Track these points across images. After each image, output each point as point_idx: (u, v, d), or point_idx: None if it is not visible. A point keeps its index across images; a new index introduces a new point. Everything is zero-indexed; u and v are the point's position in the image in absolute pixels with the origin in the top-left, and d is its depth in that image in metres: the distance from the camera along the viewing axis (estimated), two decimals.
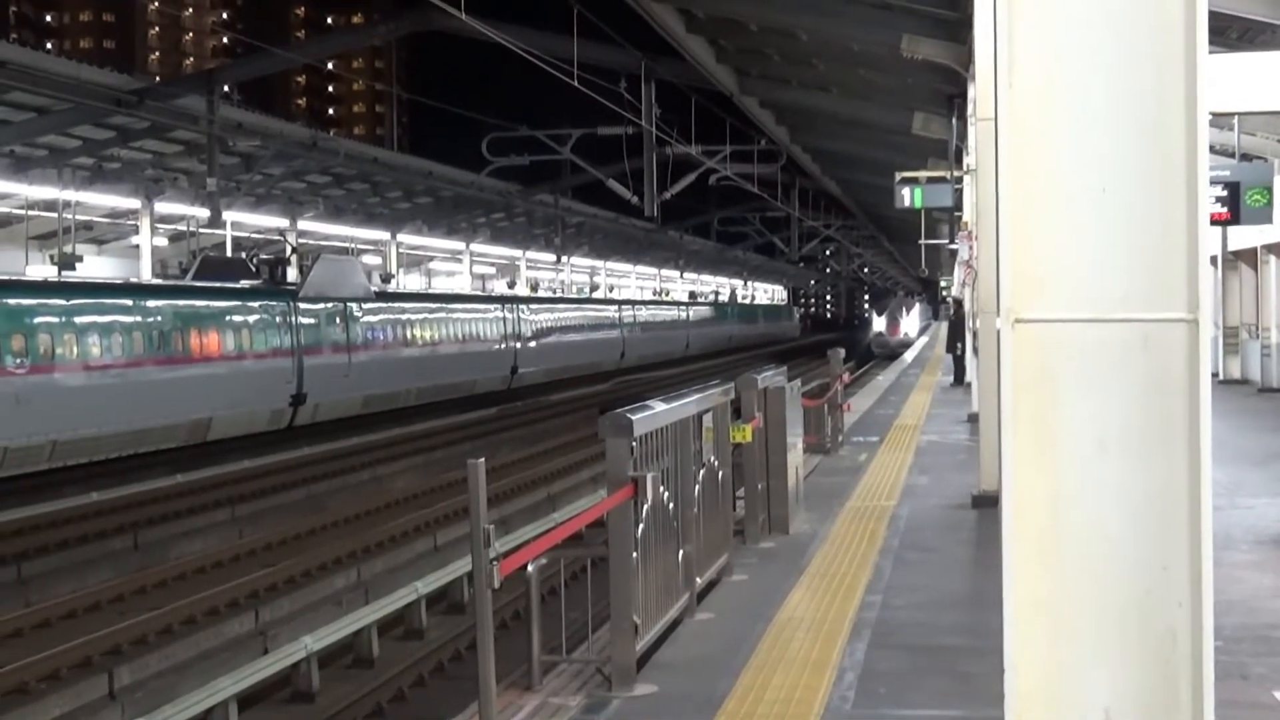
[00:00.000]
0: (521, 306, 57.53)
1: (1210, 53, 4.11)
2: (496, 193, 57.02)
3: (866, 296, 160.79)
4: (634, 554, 8.22)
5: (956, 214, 29.75)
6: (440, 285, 71.97)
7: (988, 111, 15.65)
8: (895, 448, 21.68)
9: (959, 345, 35.74)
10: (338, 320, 40.46)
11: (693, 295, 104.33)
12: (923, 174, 30.64)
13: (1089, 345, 4.09)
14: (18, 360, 27.63)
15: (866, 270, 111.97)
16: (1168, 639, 4.07)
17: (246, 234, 50.25)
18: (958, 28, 22.42)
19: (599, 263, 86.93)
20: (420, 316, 46.94)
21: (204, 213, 39.30)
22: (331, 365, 39.61)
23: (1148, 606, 4.07)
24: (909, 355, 62.81)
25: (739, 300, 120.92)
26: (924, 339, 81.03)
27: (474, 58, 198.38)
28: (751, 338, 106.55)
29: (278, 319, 37.28)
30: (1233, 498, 15.13)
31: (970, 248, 22.52)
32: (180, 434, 32.76)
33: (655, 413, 8.98)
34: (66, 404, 28.77)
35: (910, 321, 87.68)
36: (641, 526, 8.39)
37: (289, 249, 45.04)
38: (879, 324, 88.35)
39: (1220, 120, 23.05)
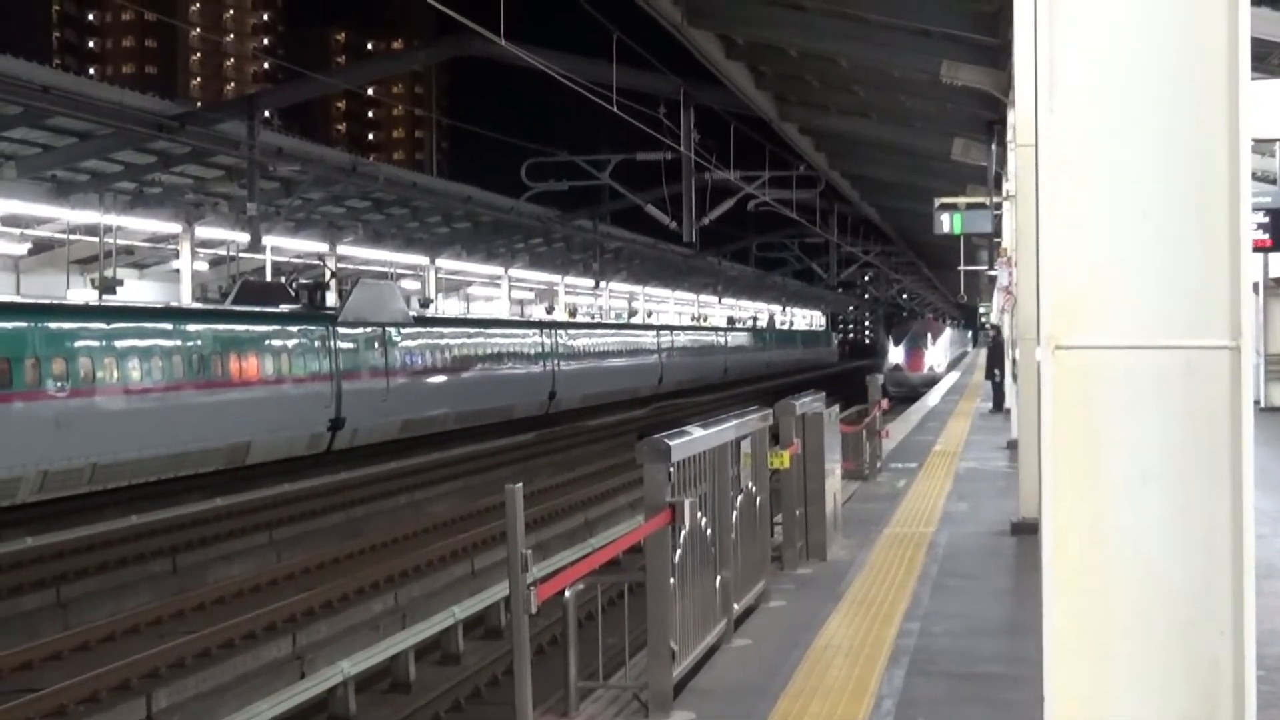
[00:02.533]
0: (560, 332, 57.60)
1: (1252, 79, 4.08)
2: (535, 218, 57.11)
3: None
4: (671, 580, 8.20)
5: (996, 240, 29.72)
6: (479, 310, 72.13)
7: (1027, 137, 15.60)
8: (934, 474, 21.60)
9: (997, 371, 35.63)
10: (376, 345, 40.57)
11: (731, 321, 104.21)
12: (962, 200, 30.62)
13: (1130, 372, 4.07)
14: (58, 384, 27.76)
15: (905, 296, 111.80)
16: (1210, 668, 4.04)
17: (286, 259, 50.47)
18: (997, 54, 22.38)
19: (637, 288, 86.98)
20: (458, 341, 47.03)
21: (244, 237, 39.51)
22: (370, 390, 39.69)
23: (1190, 635, 4.05)
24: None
25: (777, 326, 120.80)
26: (955, 374, 68.53)
27: (513, 83, 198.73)
28: (790, 364, 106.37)
29: (316, 343, 37.40)
30: (1276, 526, 15.01)
31: (1009, 274, 22.44)
32: (219, 458, 32.86)
33: (693, 438, 8.96)
34: (106, 427, 28.89)
35: (938, 351, 71.04)
36: (679, 552, 8.37)
37: (328, 273, 45.19)
38: (896, 355, 70.49)
39: (1262, 146, 22.94)
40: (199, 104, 61.24)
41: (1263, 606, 4.11)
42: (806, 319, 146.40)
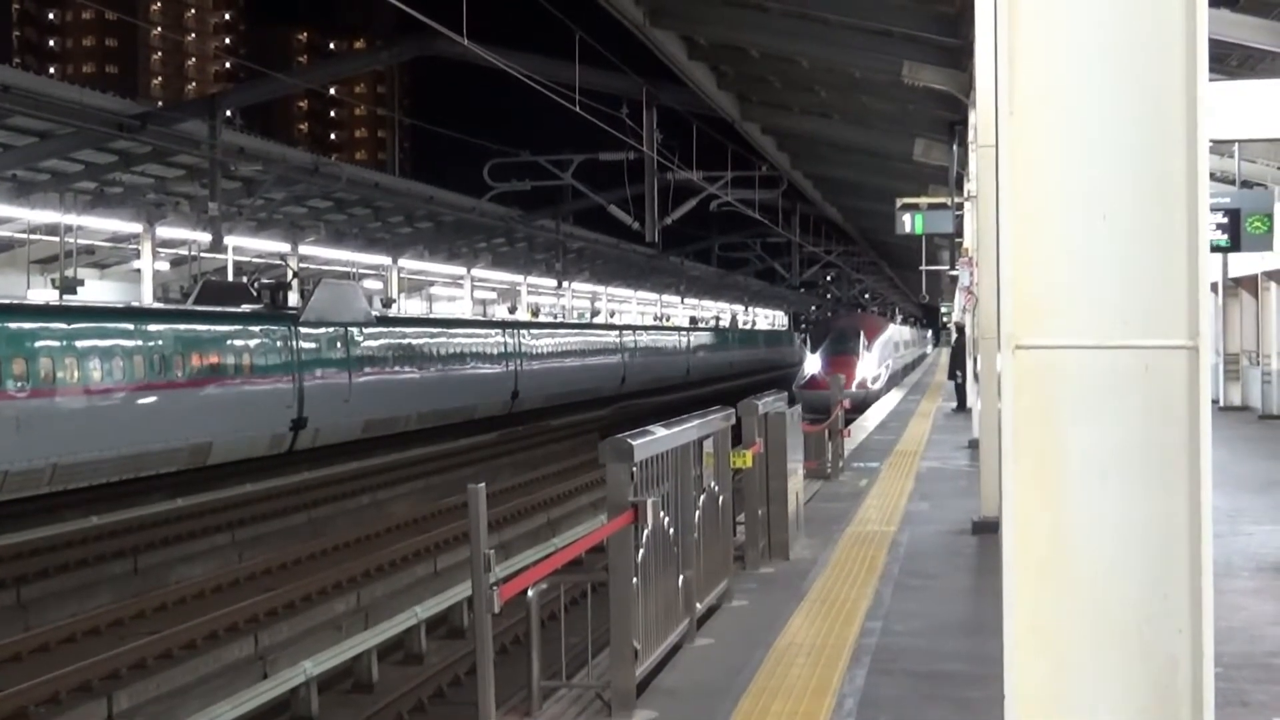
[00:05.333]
0: (522, 332, 57.54)
1: (1210, 80, 4.11)
2: (498, 218, 57.07)
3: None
4: (634, 579, 8.21)
5: (957, 240, 29.80)
6: (441, 310, 71.95)
7: (988, 138, 15.66)
8: (896, 473, 21.66)
9: (959, 372, 35.74)
10: (338, 345, 40.46)
11: (693, 321, 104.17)
12: (923, 200, 30.69)
13: (1089, 372, 4.10)
14: (18, 384, 27.62)
15: (867, 296, 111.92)
16: (1168, 666, 4.07)
17: (248, 259, 50.30)
18: (959, 55, 22.47)
19: (600, 288, 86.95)
20: (421, 341, 46.93)
21: (205, 237, 39.37)
22: (332, 390, 39.58)
23: (1148, 633, 4.07)
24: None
25: (740, 326, 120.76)
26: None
27: (476, 83, 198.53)
28: (753, 363, 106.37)
29: (279, 343, 37.28)
30: (1234, 525, 15.12)
31: (971, 274, 22.52)
32: (181, 458, 32.72)
33: (656, 438, 8.98)
34: (67, 428, 28.74)
35: (873, 360, 50.01)
36: (642, 552, 8.39)
37: (290, 274, 45.05)
38: (812, 364, 49.18)
39: (1220, 147, 23.10)
40: (160, 103, 61.10)
41: (1221, 605, 4.14)
42: (769, 319, 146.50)
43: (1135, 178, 4.07)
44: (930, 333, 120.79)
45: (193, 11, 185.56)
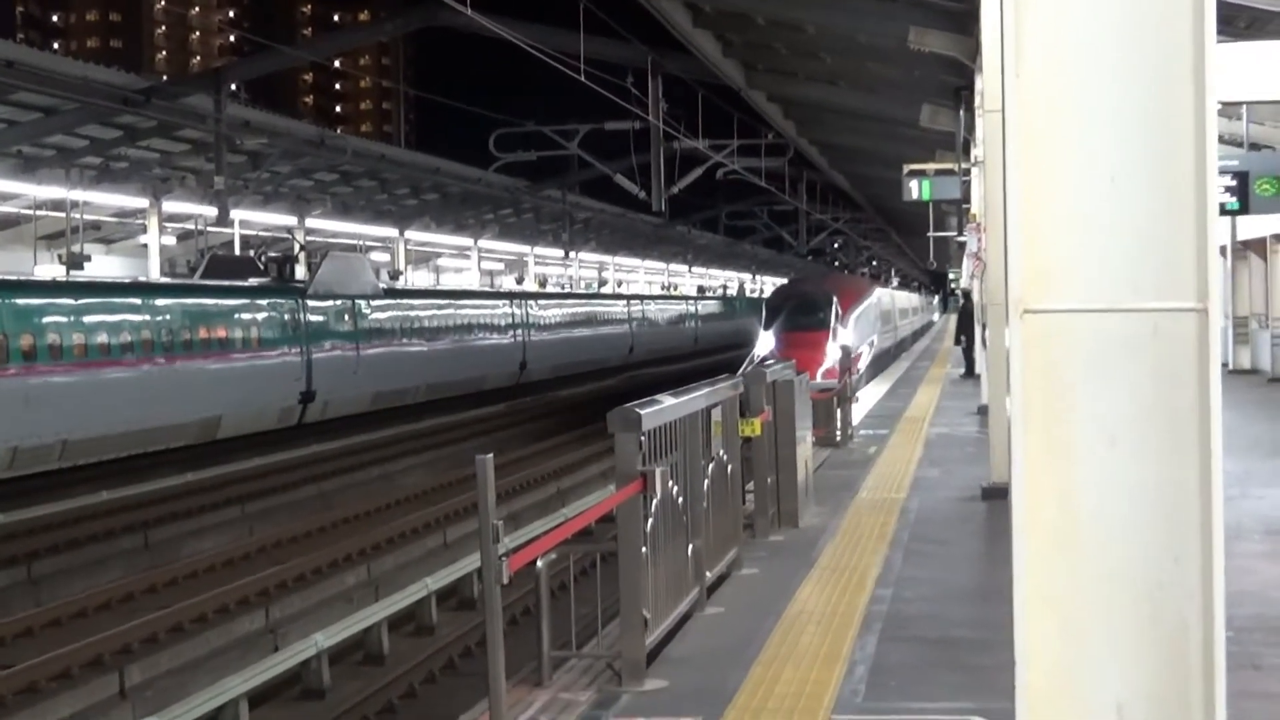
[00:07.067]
0: (530, 302, 57.52)
1: (1218, 42, 4.08)
2: (504, 189, 57.00)
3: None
4: (643, 549, 8.21)
5: (965, 206, 29.72)
6: (448, 282, 71.91)
7: (995, 103, 15.61)
8: (905, 440, 21.65)
9: (964, 337, 35.66)
10: (346, 317, 40.46)
11: (701, 290, 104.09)
12: (930, 166, 30.60)
13: (1098, 336, 4.07)
14: (27, 360, 27.63)
15: (875, 263, 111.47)
16: (1180, 631, 4.05)
17: (254, 232, 50.28)
18: (965, 19, 22.36)
19: (607, 258, 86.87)
20: (429, 313, 46.93)
21: (212, 211, 39.33)
22: (340, 362, 39.60)
23: (1159, 598, 4.05)
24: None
25: (748, 294, 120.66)
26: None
27: (481, 54, 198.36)
28: None
29: (286, 317, 37.28)
30: (1244, 488, 15.10)
31: (979, 240, 22.46)
32: (190, 432, 32.76)
33: (664, 407, 8.97)
34: (76, 403, 28.77)
35: (847, 340, 34.02)
36: (651, 521, 8.38)
37: (297, 247, 45.02)
38: (764, 346, 35.68)
39: (1229, 110, 22.99)
40: (165, 78, 61.02)
41: (1231, 568, 4.12)
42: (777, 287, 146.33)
43: (1143, 140, 4.04)
44: (937, 299, 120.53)
45: None
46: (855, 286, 42.63)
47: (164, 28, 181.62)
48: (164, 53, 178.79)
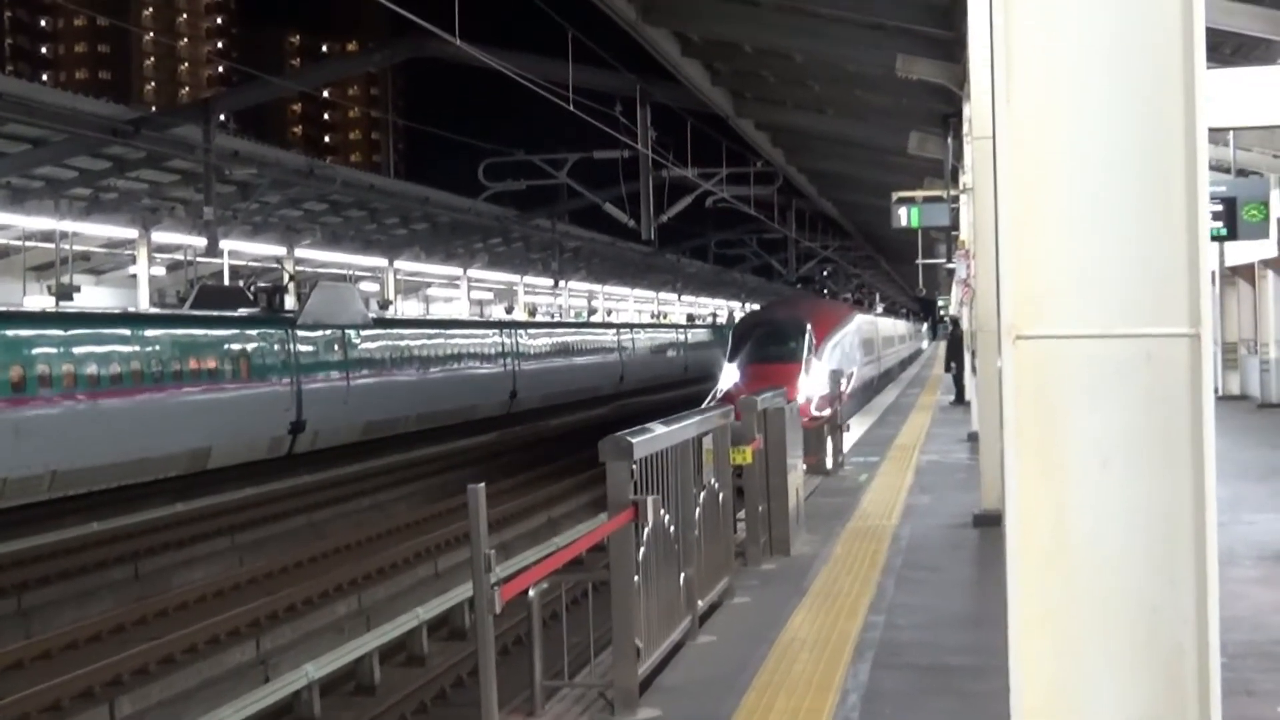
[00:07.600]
0: (520, 331, 57.54)
1: (1206, 68, 4.10)
2: (493, 218, 57.04)
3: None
4: (635, 577, 8.20)
5: (953, 233, 29.76)
6: (438, 311, 71.92)
7: (984, 130, 15.65)
8: (896, 468, 21.65)
9: (955, 364, 35.67)
10: (336, 347, 40.44)
11: (690, 318, 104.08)
12: (919, 193, 30.66)
13: (1091, 361, 4.08)
14: (16, 391, 27.59)
15: (864, 290, 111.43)
16: (1175, 654, 4.05)
17: (244, 262, 50.26)
18: (952, 47, 22.42)
19: (597, 287, 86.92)
20: (419, 342, 46.93)
21: (201, 242, 39.29)
22: (330, 392, 39.57)
23: (1154, 621, 4.06)
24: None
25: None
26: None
27: (469, 84, 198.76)
28: None
29: (276, 347, 37.26)
30: (1235, 513, 15.09)
31: (968, 266, 22.50)
32: (180, 463, 32.70)
33: (655, 435, 8.96)
34: (66, 435, 28.72)
35: (821, 374, 30.53)
36: (643, 550, 8.37)
37: (286, 277, 45.01)
38: (729, 376, 31.59)
39: (1216, 136, 23.06)
40: (154, 108, 61.02)
41: (1224, 593, 4.12)
42: None
43: (1134, 166, 4.05)
44: (926, 325, 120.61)
45: (184, 16, 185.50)
46: (832, 312, 38.77)
47: (153, 59, 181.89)
48: (153, 84, 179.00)
